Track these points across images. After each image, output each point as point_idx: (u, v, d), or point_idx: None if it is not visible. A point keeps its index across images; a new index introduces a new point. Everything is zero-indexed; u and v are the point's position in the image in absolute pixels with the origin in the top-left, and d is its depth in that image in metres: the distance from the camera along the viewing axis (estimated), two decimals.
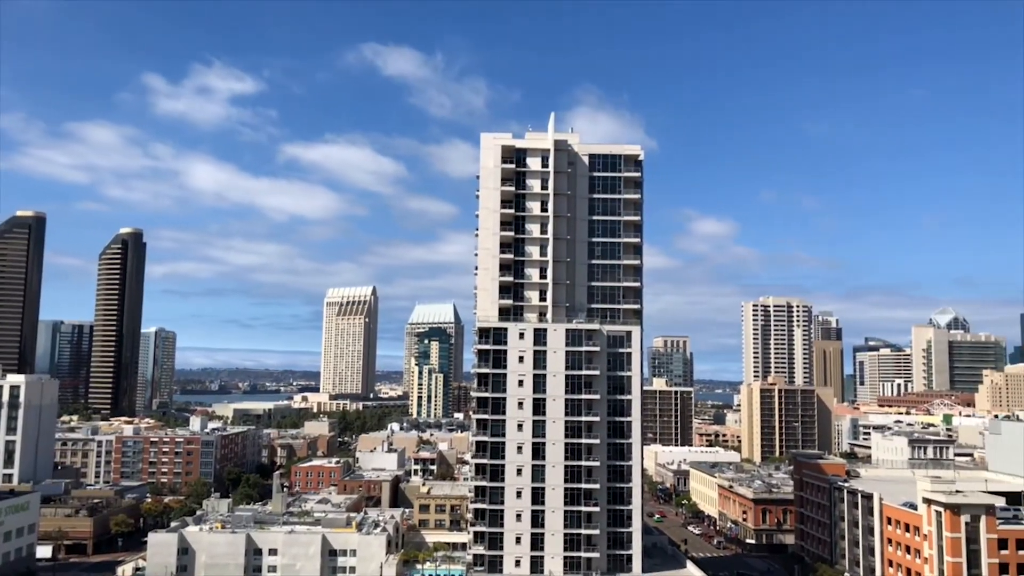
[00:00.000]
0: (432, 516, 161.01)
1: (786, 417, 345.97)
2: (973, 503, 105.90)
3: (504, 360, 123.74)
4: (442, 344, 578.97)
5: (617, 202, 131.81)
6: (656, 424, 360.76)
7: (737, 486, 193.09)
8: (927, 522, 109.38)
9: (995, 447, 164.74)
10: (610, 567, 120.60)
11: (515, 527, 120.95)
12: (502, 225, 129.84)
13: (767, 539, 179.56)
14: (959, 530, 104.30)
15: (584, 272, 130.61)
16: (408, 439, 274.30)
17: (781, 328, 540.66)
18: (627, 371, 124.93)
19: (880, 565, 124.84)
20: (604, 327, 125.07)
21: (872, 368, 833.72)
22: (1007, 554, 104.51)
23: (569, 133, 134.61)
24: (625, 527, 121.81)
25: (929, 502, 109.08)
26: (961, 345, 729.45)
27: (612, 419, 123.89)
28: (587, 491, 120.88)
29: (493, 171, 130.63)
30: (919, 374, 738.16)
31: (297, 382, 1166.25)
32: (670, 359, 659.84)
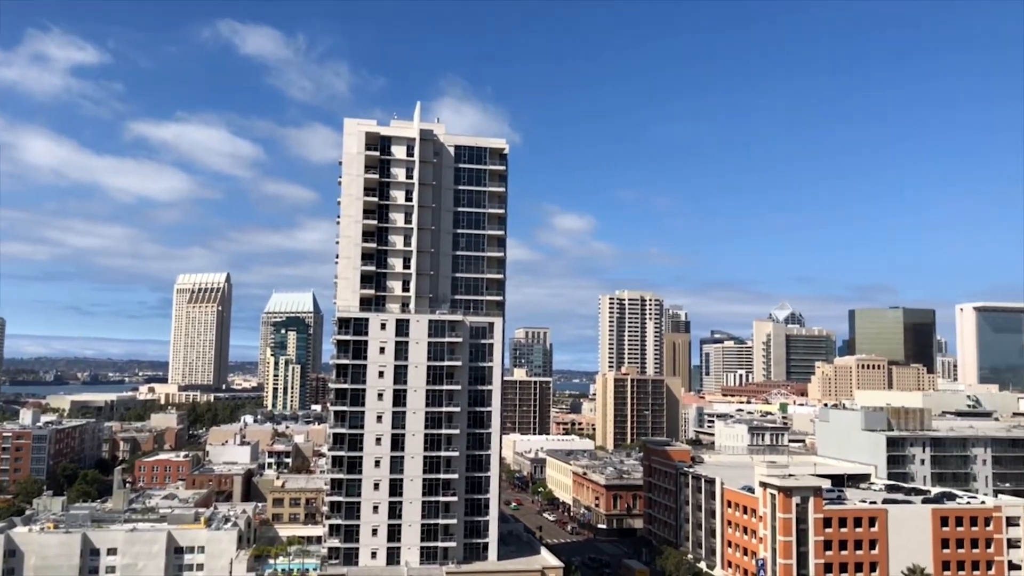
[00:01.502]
0: (287, 510, 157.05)
1: (638, 406, 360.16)
2: (803, 486, 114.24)
3: (365, 351, 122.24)
4: (300, 334, 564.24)
5: (482, 194, 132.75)
6: (515, 414, 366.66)
7: (591, 473, 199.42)
8: (763, 504, 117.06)
9: (824, 433, 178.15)
10: (466, 556, 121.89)
11: (372, 519, 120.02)
12: (365, 213, 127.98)
13: (618, 524, 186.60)
14: (791, 511, 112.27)
15: (448, 263, 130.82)
16: (262, 432, 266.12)
17: (635, 321, 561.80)
18: (488, 362, 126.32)
19: (720, 546, 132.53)
20: (467, 318, 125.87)
21: (717, 359, 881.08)
22: (831, 532, 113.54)
23: (435, 123, 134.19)
24: (482, 516, 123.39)
25: (765, 485, 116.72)
26: (797, 339, 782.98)
27: (472, 409, 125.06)
28: (446, 481, 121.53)
29: (356, 158, 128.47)
30: (759, 365, 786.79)
31: (143, 372, 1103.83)
32: (531, 350, 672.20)
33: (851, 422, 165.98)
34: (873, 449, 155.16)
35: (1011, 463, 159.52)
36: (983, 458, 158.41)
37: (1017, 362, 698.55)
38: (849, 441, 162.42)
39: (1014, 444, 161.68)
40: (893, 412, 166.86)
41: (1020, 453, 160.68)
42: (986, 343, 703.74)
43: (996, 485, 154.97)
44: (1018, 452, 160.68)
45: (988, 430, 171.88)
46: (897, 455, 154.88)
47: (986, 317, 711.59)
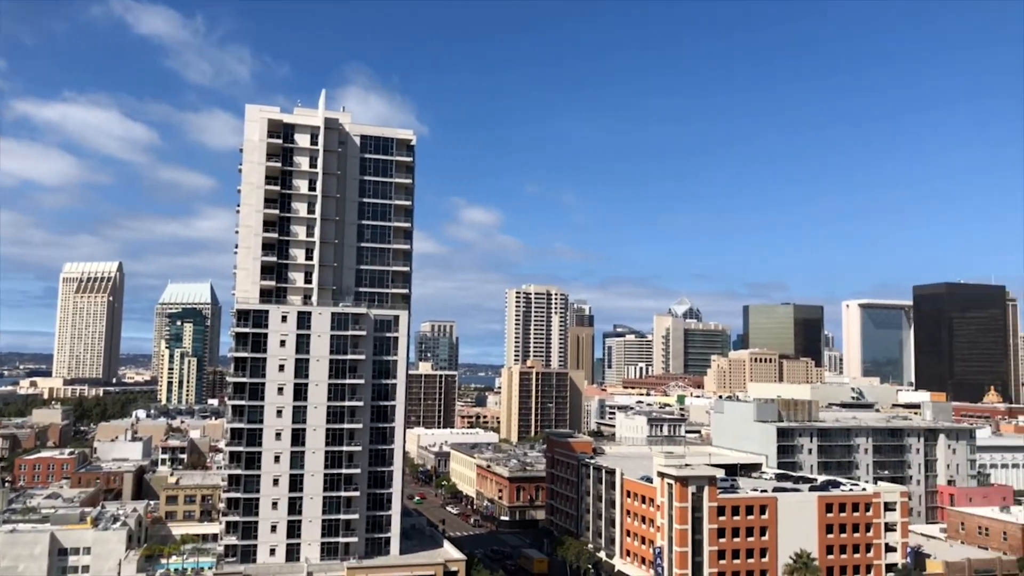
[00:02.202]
0: (181, 508, 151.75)
1: (542, 399, 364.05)
2: (699, 475, 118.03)
3: (265, 344, 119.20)
4: (197, 326, 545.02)
5: (388, 185, 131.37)
6: (420, 407, 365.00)
7: (494, 465, 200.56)
8: (660, 494, 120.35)
9: (719, 424, 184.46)
10: (368, 551, 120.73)
11: (271, 515, 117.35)
12: (266, 203, 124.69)
13: (521, 515, 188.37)
14: (687, 500, 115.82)
15: (352, 255, 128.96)
16: (156, 427, 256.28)
17: (541, 315, 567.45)
18: (393, 355, 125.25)
19: (620, 535, 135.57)
20: (371, 311, 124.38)
21: (619, 352, 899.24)
22: (724, 520, 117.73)
23: (341, 112, 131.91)
24: (385, 510, 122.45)
25: (663, 475, 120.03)
26: (694, 333, 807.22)
27: (376, 403, 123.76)
28: (348, 476, 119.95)
29: (258, 145, 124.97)
30: (658, 358, 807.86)
31: (25, 365, 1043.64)
32: (436, 343, 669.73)
33: (744, 413, 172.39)
34: (765, 439, 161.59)
35: (889, 452, 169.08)
36: (865, 447, 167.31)
37: (897, 356, 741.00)
38: (742, 432, 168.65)
39: (892, 434, 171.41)
40: (783, 404, 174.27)
41: (898, 443, 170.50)
42: (869, 338, 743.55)
43: (876, 473, 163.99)
44: (896, 442, 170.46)
45: (869, 421, 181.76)
46: (787, 445, 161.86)
47: (869, 314, 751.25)
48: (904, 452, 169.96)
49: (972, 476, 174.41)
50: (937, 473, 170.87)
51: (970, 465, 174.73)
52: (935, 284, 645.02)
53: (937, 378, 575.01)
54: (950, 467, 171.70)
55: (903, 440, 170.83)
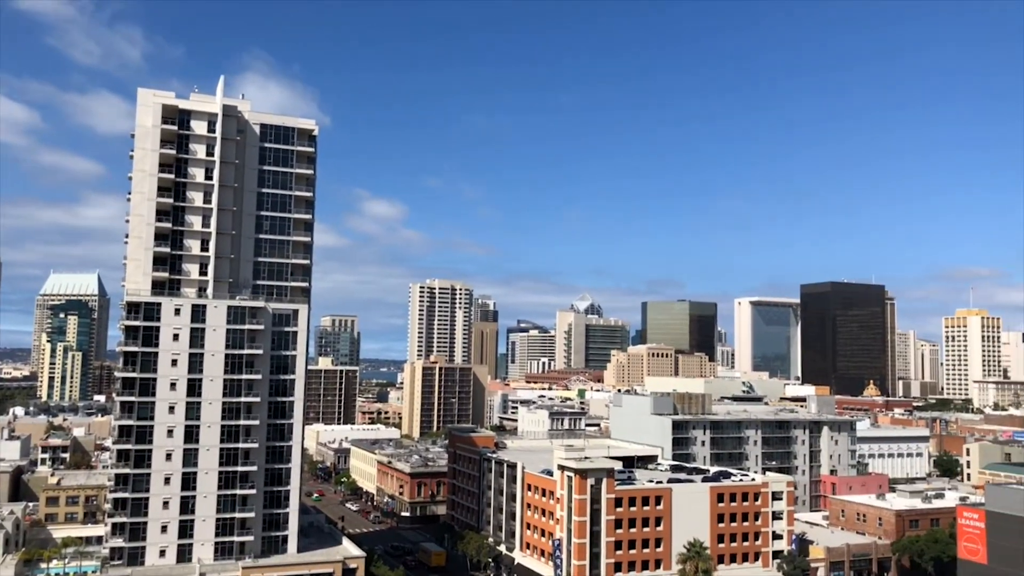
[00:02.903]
0: (63, 509, 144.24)
1: (445, 394, 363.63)
2: (597, 468, 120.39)
3: (156, 338, 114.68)
4: (82, 319, 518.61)
5: (289, 176, 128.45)
6: (320, 403, 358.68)
7: (396, 461, 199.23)
8: (560, 486, 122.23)
9: (617, 417, 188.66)
10: (265, 549, 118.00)
11: (162, 515, 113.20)
12: (160, 191, 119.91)
13: (422, 511, 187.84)
14: (585, 492, 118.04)
15: (251, 247, 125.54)
16: (35, 425, 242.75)
17: (445, 310, 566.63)
18: (292, 350, 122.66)
19: (520, 528, 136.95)
20: (270, 304, 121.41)
21: (522, 347, 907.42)
22: (622, 511, 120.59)
23: (240, 99, 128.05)
24: (282, 508, 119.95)
25: (563, 468, 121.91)
26: (595, 328, 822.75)
27: (274, 399, 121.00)
28: (244, 474, 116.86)
29: (151, 131, 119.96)
30: (560, 353, 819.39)
31: None
32: (337, 338, 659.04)
33: (641, 407, 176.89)
34: (661, 432, 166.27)
35: (777, 443, 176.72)
36: (754, 439, 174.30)
37: (784, 352, 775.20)
38: (640, 425, 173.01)
39: (780, 426, 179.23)
40: (679, 397, 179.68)
41: (785, 434, 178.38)
42: (759, 334, 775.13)
43: (764, 463, 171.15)
44: (783, 433, 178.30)
45: (759, 413, 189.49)
46: (682, 437, 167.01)
47: (760, 311, 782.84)
48: (790, 443, 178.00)
49: (852, 466, 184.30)
50: (821, 463, 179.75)
51: (851, 455, 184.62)
52: (821, 283, 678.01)
53: (821, 372, 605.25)
54: (832, 457, 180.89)
55: (790, 432, 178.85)
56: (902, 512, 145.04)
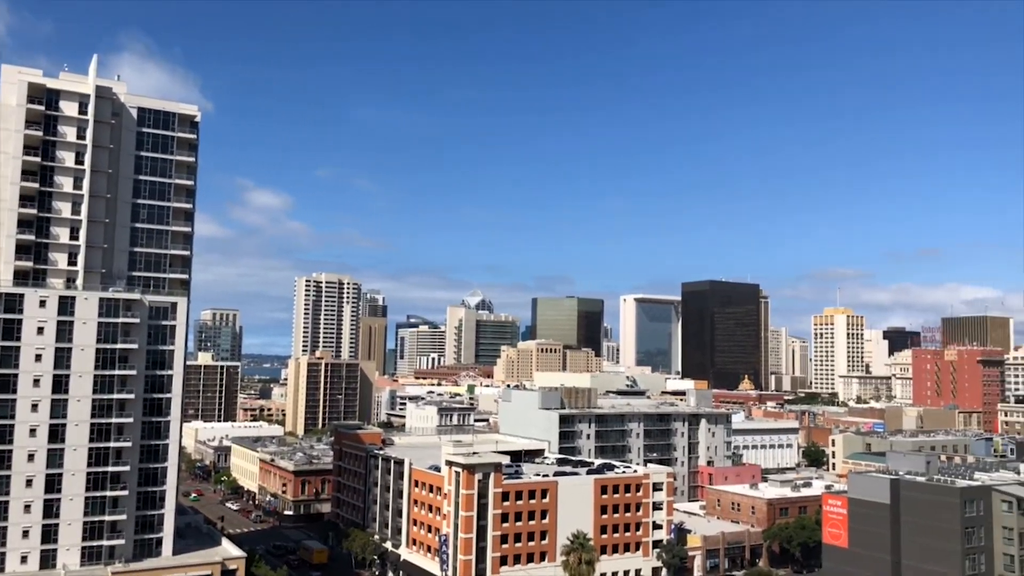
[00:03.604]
0: None
1: (331, 390, 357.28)
2: (485, 462, 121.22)
3: (19, 331, 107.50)
4: None
5: (168, 163, 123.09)
6: (199, 400, 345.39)
7: (279, 459, 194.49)
8: (448, 482, 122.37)
9: (506, 412, 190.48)
10: (138, 553, 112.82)
11: (23, 519, 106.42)
12: (24, 175, 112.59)
13: (306, 509, 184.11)
14: (473, 487, 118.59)
15: (126, 236, 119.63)
16: None
17: (332, 304, 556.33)
18: (170, 345, 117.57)
19: (406, 524, 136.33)
20: (146, 297, 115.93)
21: (412, 343, 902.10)
22: (508, 505, 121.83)
23: (115, 81, 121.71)
24: (157, 509, 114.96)
25: (450, 464, 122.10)
26: (486, 324, 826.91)
27: (149, 396, 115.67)
28: (115, 474, 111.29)
29: (16, 111, 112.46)
30: (451, 349, 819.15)
31: None
32: (218, 333, 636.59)
33: (530, 401, 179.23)
34: (548, 426, 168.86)
35: (658, 435, 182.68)
36: (637, 432, 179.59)
37: (666, 347, 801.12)
38: (528, 419, 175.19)
39: (661, 419, 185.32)
40: (566, 392, 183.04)
41: (665, 427, 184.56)
42: (643, 330, 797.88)
43: (646, 455, 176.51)
44: (664, 426, 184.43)
45: (641, 407, 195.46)
46: (568, 431, 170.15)
47: (644, 308, 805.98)
48: (671, 436, 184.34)
49: (728, 457, 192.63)
50: (699, 455, 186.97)
51: (726, 447, 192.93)
52: (700, 281, 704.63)
53: (700, 367, 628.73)
54: (710, 449, 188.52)
55: (670, 425, 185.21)
56: (773, 501, 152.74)
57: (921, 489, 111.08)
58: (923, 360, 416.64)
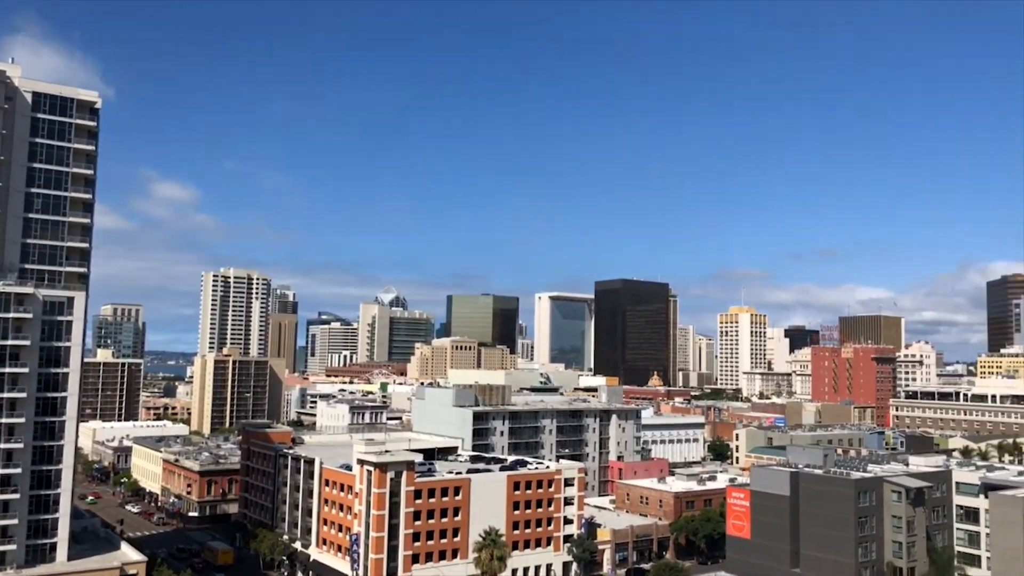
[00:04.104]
0: None
1: (239, 388, 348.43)
2: (397, 460, 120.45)
3: None
4: None
5: (66, 151, 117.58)
6: (98, 399, 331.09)
7: (183, 459, 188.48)
8: (359, 481, 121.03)
9: (420, 410, 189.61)
10: (30, 559, 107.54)
11: None
12: None
13: (212, 510, 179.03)
14: (385, 485, 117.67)
15: (18, 227, 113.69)
16: None
17: (240, 300, 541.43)
18: (66, 341, 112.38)
19: (316, 524, 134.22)
20: (40, 291, 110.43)
21: (323, 340, 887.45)
22: (421, 503, 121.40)
23: (9, 63, 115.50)
24: (51, 513, 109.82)
25: (362, 462, 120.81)
26: (400, 321, 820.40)
27: (43, 395, 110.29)
28: (5, 477, 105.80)
29: None
30: (363, 346, 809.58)
31: None
32: (119, 329, 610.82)
33: (444, 399, 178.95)
34: (462, 423, 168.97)
35: (570, 431, 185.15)
36: (550, 428, 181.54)
37: (580, 344, 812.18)
38: (441, 417, 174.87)
39: (573, 415, 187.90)
40: (480, 389, 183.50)
41: (577, 423, 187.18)
42: (557, 328, 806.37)
43: (559, 451, 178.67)
44: (576, 422, 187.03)
45: (554, 403, 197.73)
46: (482, 428, 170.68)
47: (558, 305, 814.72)
48: (583, 432, 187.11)
49: (637, 452, 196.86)
50: (609, 450, 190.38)
51: (636, 442, 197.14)
52: (613, 280, 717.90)
53: (612, 364, 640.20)
54: (620, 444, 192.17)
55: (582, 421, 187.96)
56: (680, 494, 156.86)
57: (818, 481, 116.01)
58: (821, 357, 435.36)
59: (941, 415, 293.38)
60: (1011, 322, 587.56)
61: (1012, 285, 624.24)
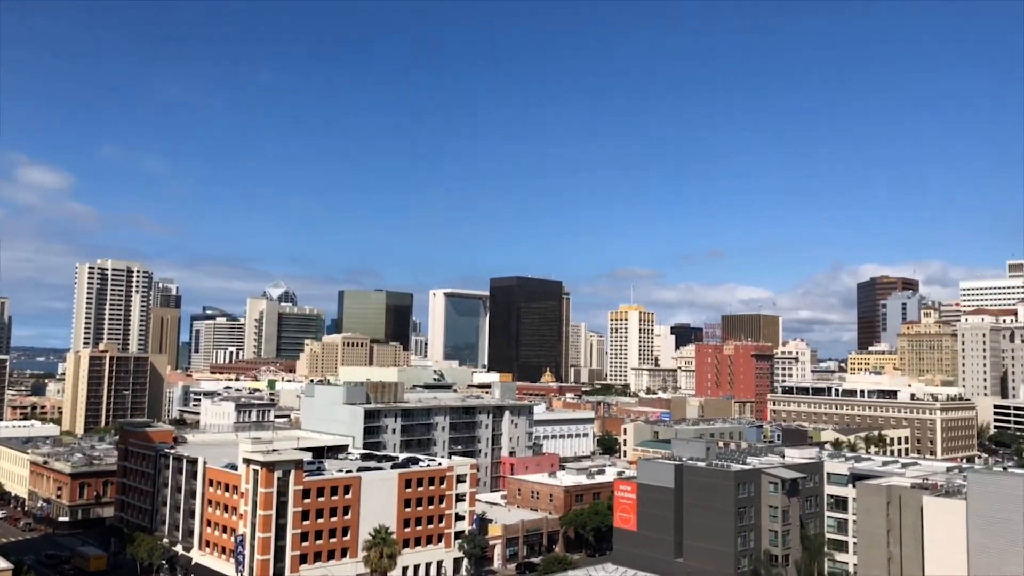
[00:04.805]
0: None
1: (117, 386, 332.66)
2: (285, 459, 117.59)
3: None
4: None
5: None
6: None
7: (53, 461, 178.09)
8: (245, 480, 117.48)
9: (309, 408, 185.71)
10: None
11: None
12: None
13: (84, 514, 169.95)
14: (272, 485, 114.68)
15: None
16: None
17: (119, 293, 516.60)
18: None
19: (199, 526, 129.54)
20: None
21: (208, 336, 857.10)
22: (310, 502, 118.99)
23: None
24: None
25: (248, 462, 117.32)
26: (289, 317, 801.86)
27: None
28: None
29: None
30: (251, 342, 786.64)
31: None
32: None
33: (334, 397, 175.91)
34: (353, 421, 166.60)
35: (463, 428, 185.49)
36: (443, 425, 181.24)
37: (474, 341, 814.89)
38: (332, 415, 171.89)
39: (466, 412, 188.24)
40: (372, 386, 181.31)
41: (471, 419, 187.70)
42: (452, 324, 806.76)
43: (451, 448, 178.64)
44: (469, 419, 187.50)
45: (447, 400, 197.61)
46: (373, 426, 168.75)
47: (453, 302, 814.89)
48: (476, 428, 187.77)
49: (529, 447, 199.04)
50: (502, 446, 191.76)
51: (528, 437, 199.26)
52: (508, 277, 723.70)
53: (506, 360, 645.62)
54: (512, 440, 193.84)
55: (475, 417, 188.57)
56: (570, 488, 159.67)
57: (701, 473, 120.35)
58: (705, 354, 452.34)
59: (815, 409, 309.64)
60: (878, 321, 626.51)
61: (880, 286, 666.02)
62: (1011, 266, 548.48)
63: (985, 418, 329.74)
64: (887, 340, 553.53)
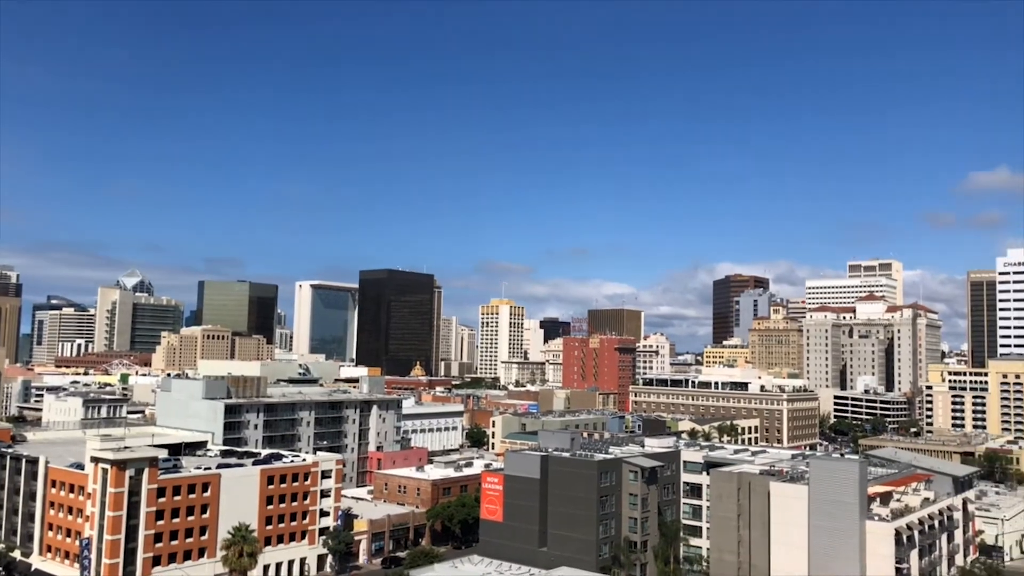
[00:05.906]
0: None
1: None
2: (138, 457, 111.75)
3: None
4: None
5: None
6: None
7: None
8: (93, 480, 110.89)
9: (165, 403, 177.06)
10: None
11: None
12: None
13: None
14: (123, 484, 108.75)
15: None
16: None
17: None
18: None
19: (40, 530, 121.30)
20: None
21: (53, 328, 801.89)
22: (165, 501, 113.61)
23: None
24: None
25: (97, 460, 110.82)
26: (144, 307, 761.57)
27: None
28: None
29: None
30: (102, 334, 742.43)
31: None
32: None
33: (192, 391, 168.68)
34: (213, 416, 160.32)
35: (329, 423, 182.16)
36: (308, 420, 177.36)
37: (342, 334, 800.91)
38: (190, 410, 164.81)
39: (333, 407, 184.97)
40: (233, 381, 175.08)
41: (337, 414, 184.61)
42: (319, 317, 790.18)
43: (316, 443, 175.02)
44: (335, 413, 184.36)
45: (313, 395, 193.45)
46: (234, 421, 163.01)
47: (320, 294, 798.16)
48: (342, 423, 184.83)
49: (397, 441, 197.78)
50: (369, 441, 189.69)
51: (396, 431, 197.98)
52: (378, 270, 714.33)
53: (375, 354, 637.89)
54: (380, 434, 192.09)
55: (342, 412, 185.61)
56: (437, 481, 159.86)
57: (565, 464, 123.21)
58: (571, 347, 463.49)
59: (673, 400, 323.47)
60: (732, 317, 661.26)
61: (733, 284, 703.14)
62: (851, 267, 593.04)
63: (826, 408, 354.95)
64: (740, 335, 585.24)
